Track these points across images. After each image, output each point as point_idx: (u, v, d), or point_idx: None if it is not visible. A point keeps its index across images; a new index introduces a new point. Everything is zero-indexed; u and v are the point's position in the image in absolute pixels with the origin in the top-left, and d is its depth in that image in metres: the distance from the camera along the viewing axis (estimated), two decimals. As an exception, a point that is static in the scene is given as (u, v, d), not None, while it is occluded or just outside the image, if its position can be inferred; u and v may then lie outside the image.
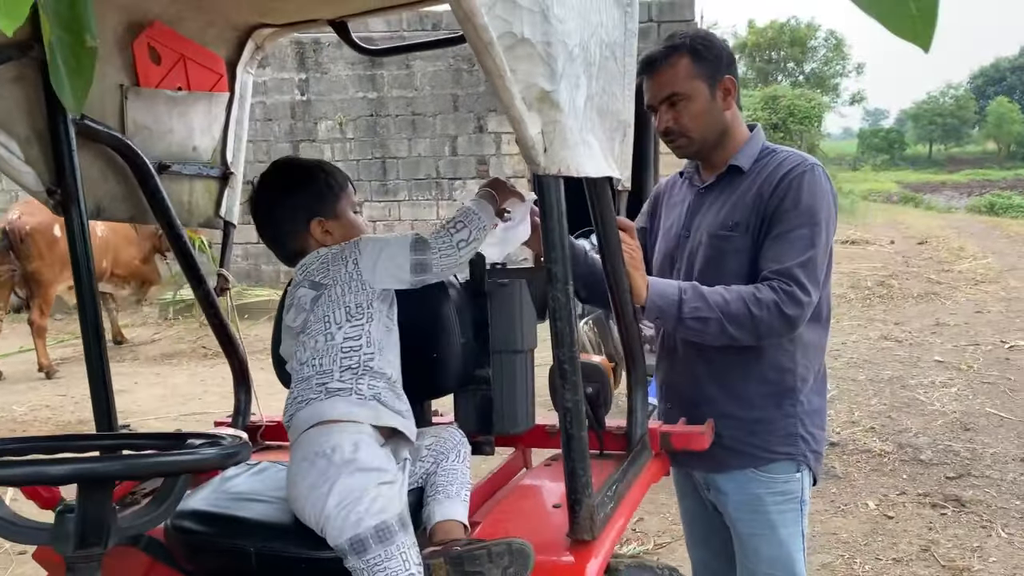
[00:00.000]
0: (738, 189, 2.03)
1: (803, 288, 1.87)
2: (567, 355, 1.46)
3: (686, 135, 2.02)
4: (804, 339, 2.02)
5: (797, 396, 2.03)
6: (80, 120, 1.85)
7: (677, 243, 2.13)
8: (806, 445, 2.05)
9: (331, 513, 1.48)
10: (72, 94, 0.95)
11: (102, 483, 1.08)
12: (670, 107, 2.00)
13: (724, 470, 2.07)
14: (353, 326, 1.64)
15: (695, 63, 1.98)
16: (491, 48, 1.24)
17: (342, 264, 1.68)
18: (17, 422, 6.18)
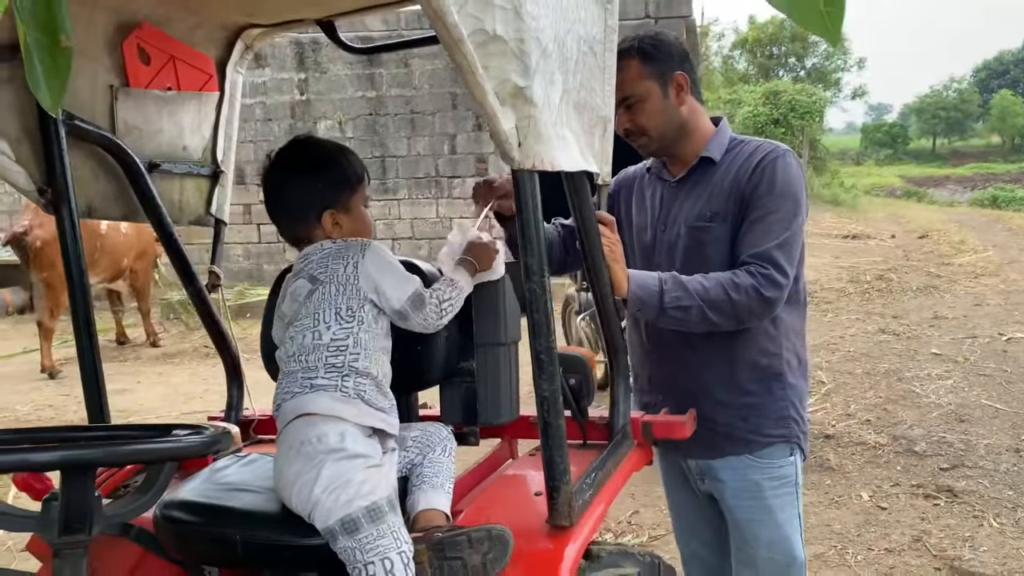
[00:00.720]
0: (712, 180, 2.07)
1: (780, 270, 1.92)
2: (544, 346, 1.49)
3: (645, 134, 2.07)
4: (786, 323, 2.08)
5: (786, 379, 2.09)
6: (70, 120, 1.88)
7: (654, 237, 2.17)
8: (797, 427, 2.11)
9: (319, 498, 1.51)
10: (49, 94, 0.98)
11: (83, 470, 1.12)
12: (626, 109, 2.04)
13: (721, 456, 2.11)
14: (342, 328, 1.65)
15: (644, 64, 2.03)
16: (461, 45, 1.27)
17: (341, 263, 1.68)
18: (20, 421, 6.23)
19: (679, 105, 2.07)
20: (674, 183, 2.15)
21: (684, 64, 2.09)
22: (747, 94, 24.63)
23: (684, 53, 2.12)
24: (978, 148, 64.03)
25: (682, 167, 2.14)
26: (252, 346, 7.32)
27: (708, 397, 2.08)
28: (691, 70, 2.12)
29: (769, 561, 2.14)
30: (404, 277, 1.69)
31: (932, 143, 67.10)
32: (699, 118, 2.12)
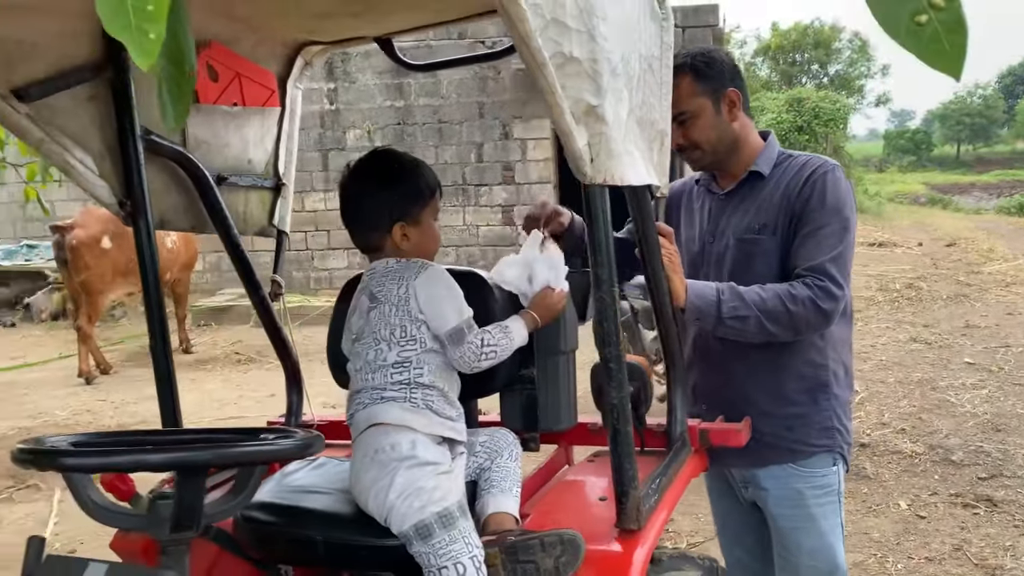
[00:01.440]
0: (761, 193, 2.12)
1: (836, 283, 1.95)
2: (613, 354, 1.54)
3: (698, 148, 2.12)
4: (833, 334, 2.11)
5: (831, 390, 2.12)
6: (147, 136, 1.96)
7: (702, 248, 2.21)
8: (841, 437, 2.14)
9: (394, 504, 1.58)
10: (174, 116, 1.05)
11: (197, 470, 1.18)
12: (679, 125, 2.09)
13: (764, 466, 2.15)
14: (402, 349, 1.70)
15: (697, 81, 2.07)
16: (544, 68, 1.33)
17: (395, 284, 1.72)
18: (60, 425, 6.36)
19: (731, 121, 2.12)
20: (723, 196, 2.20)
21: (736, 80, 2.14)
22: (770, 101, 24.55)
23: (735, 69, 2.18)
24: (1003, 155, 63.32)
25: (731, 180, 2.19)
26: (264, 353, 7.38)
27: (753, 407, 2.11)
28: (742, 86, 2.17)
29: (811, 569, 2.17)
30: (451, 307, 1.70)
31: (956, 150, 66.46)
32: (749, 133, 2.17)
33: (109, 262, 7.72)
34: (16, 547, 4.34)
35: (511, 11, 1.24)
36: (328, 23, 2.23)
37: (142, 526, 1.26)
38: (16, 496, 4.96)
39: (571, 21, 1.38)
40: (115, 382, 7.85)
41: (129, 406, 6.97)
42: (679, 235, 2.29)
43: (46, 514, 4.66)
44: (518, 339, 1.76)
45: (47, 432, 6.14)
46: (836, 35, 41.39)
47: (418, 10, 2.15)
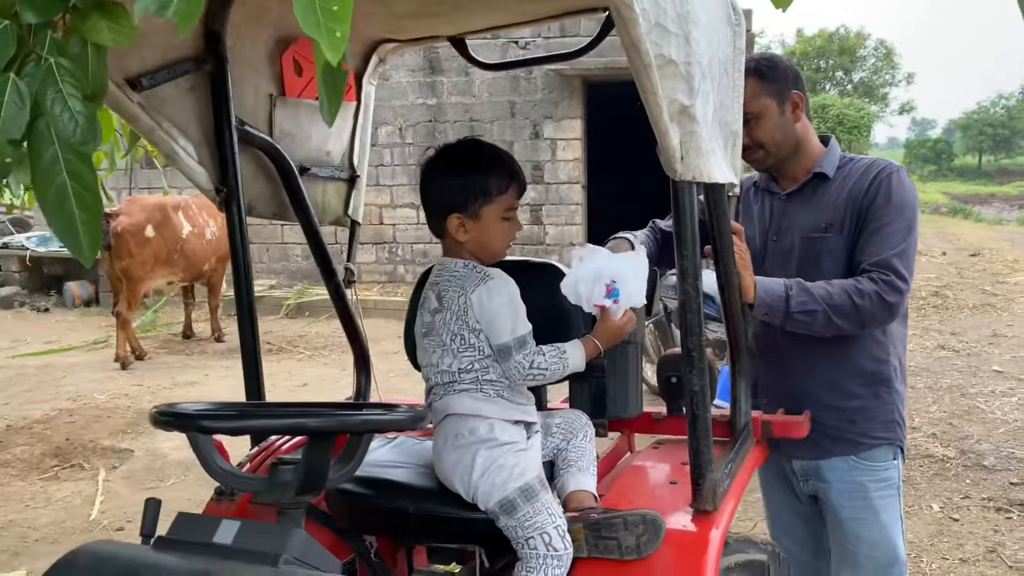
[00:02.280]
0: (826, 194, 2.19)
1: (901, 277, 2.03)
2: (695, 343, 1.62)
3: (763, 148, 2.19)
4: (893, 330, 2.20)
5: (892, 384, 2.20)
6: (241, 126, 2.06)
7: (764, 246, 2.27)
8: (901, 430, 2.22)
9: (478, 483, 1.67)
10: (329, 111, 1.15)
11: (326, 436, 1.27)
12: (744, 125, 2.12)
13: (827, 458, 2.22)
14: (465, 354, 1.75)
15: (761, 83, 2.14)
16: (649, 70, 1.41)
17: (457, 292, 1.74)
18: (101, 408, 6.50)
19: (795, 122, 2.19)
20: (784, 196, 2.27)
21: (798, 83, 2.22)
22: (793, 106, 24.50)
23: (797, 74, 2.25)
24: (1025, 166, 62.78)
25: (792, 182, 2.26)
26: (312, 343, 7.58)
27: (816, 401, 2.18)
28: (804, 90, 2.24)
29: (871, 560, 2.23)
30: (504, 322, 1.70)
31: (978, 160, 65.90)
32: (811, 136, 2.25)
33: (151, 250, 7.88)
34: (64, 524, 4.48)
35: (625, 15, 1.32)
36: (409, 22, 2.32)
37: (265, 488, 1.35)
38: (61, 475, 5.09)
39: (671, 25, 1.46)
40: (148, 368, 8.00)
41: (165, 391, 7.11)
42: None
43: (92, 492, 4.79)
44: (573, 365, 1.76)
45: (89, 415, 6.29)
46: (861, 42, 41.19)
47: (497, 11, 2.24)
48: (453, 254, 1.82)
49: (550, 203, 10.52)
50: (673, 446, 2.11)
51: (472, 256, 1.80)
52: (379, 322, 9.06)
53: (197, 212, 8.43)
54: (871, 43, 41.66)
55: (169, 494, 4.72)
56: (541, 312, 1.98)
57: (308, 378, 7.49)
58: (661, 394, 2.16)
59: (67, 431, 5.87)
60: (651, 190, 4.25)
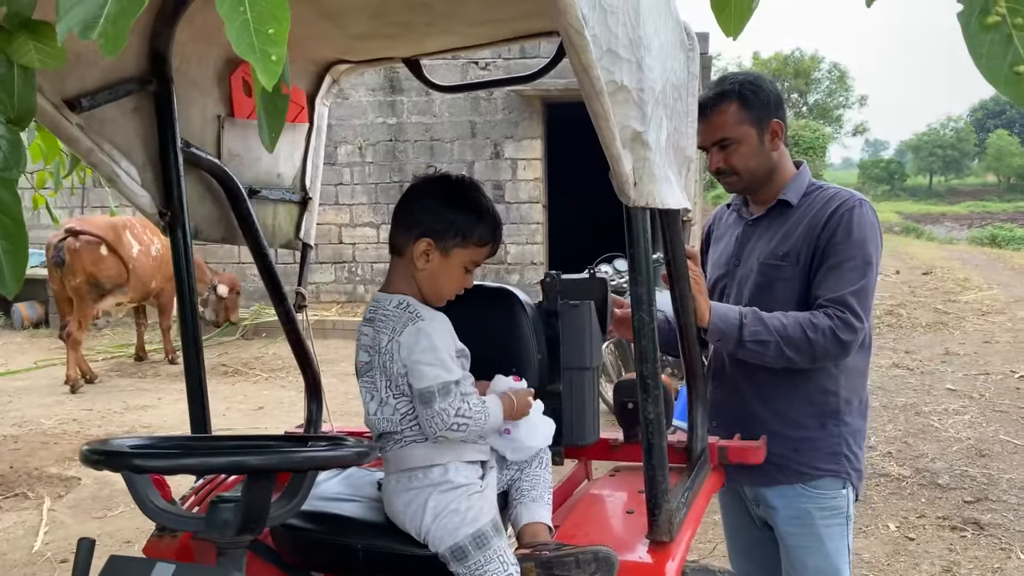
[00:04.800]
0: (788, 222, 2.17)
1: (856, 315, 2.01)
2: (650, 371, 1.60)
3: (736, 174, 2.17)
4: (848, 364, 2.15)
5: (841, 417, 2.16)
6: (187, 148, 2.00)
7: (727, 271, 2.27)
8: (849, 464, 2.17)
9: (429, 527, 1.62)
10: (269, 134, 1.10)
11: (266, 475, 1.22)
12: (721, 149, 2.15)
13: (773, 485, 2.20)
14: (401, 401, 1.67)
15: (744, 109, 2.12)
16: (601, 96, 1.39)
17: (388, 334, 1.66)
18: (47, 434, 6.29)
19: (772, 150, 2.17)
20: (751, 221, 2.26)
21: (779, 111, 2.19)
22: (751, 128, 24.96)
23: (779, 99, 2.22)
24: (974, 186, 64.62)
25: (761, 207, 2.25)
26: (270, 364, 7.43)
27: (762, 427, 2.16)
28: (784, 116, 2.22)
29: None
30: (431, 368, 1.60)
31: (929, 180, 67.69)
32: (785, 162, 2.23)
33: (104, 269, 7.70)
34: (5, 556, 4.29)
35: (575, 41, 1.30)
36: (363, 44, 2.28)
37: (203, 528, 1.29)
38: (4, 504, 4.90)
39: (623, 51, 1.45)
40: (99, 391, 7.79)
41: (115, 415, 6.92)
42: (708, 257, 2.37)
43: (36, 523, 4.62)
44: (493, 420, 1.66)
45: (35, 441, 6.09)
46: (815, 65, 42.18)
47: (452, 34, 2.22)
48: (393, 285, 1.74)
49: (511, 222, 10.52)
50: (630, 473, 2.09)
51: (415, 288, 1.72)
52: (338, 343, 8.95)
53: (142, 230, 8.24)
54: (825, 66, 42.71)
55: (117, 523, 4.57)
56: (496, 337, 1.95)
57: (264, 401, 7.34)
58: (618, 420, 2.14)
59: (11, 459, 5.67)
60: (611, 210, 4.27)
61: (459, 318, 1.76)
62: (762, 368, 2.11)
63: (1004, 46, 0.70)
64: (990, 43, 0.70)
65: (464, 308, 1.79)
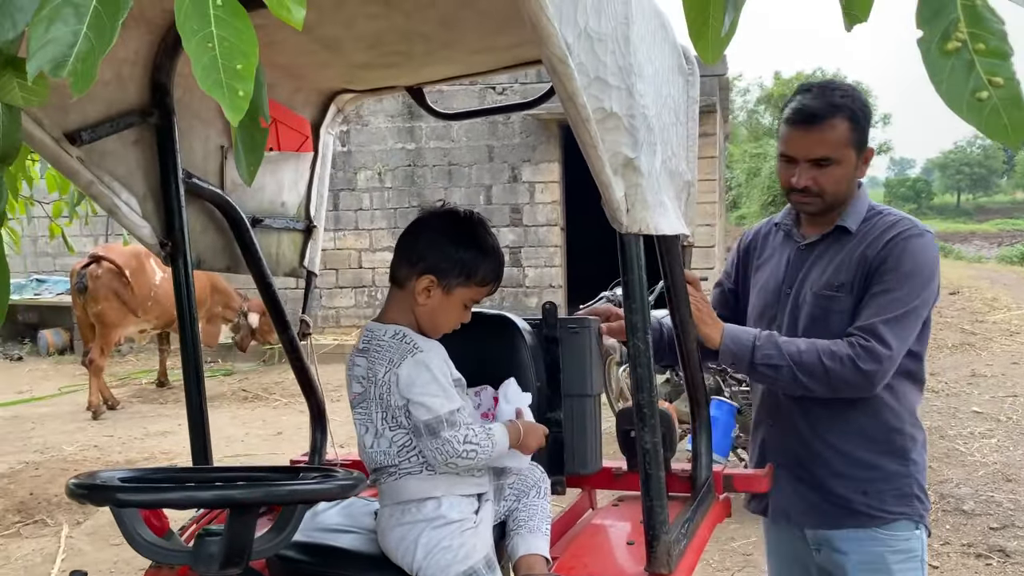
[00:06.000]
0: (844, 249, 2.03)
1: (883, 343, 1.88)
2: (647, 399, 1.58)
3: (820, 196, 2.00)
4: (909, 399, 2.05)
5: (909, 455, 2.04)
6: (188, 178, 2.02)
7: (777, 299, 2.12)
8: (921, 504, 2.05)
9: (421, 563, 1.60)
10: (247, 168, 1.11)
11: (248, 509, 1.21)
12: (815, 166, 1.97)
13: (841, 528, 2.07)
14: (397, 434, 1.65)
15: (853, 130, 1.95)
16: (588, 124, 1.39)
17: (384, 365, 1.64)
18: (68, 461, 6.35)
19: (859, 176, 2.04)
20: (803, 246, 2.11)
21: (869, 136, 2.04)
22: (773, 148, 24.85)
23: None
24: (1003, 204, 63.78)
25: (816, 230, 2.09)
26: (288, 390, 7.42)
27: (825, 467, 2.05)
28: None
29: None
30: (435, 399, 1.59)
31: (956, 199, 66.94)
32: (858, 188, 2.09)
33: (127, 297, 7.81)
34: (24, 583, 4.27)
35: (560, 71, 1.29)
36: (365, 73, 2.30)
37: (189, 562, 1.28)
38: (24, 531, 4.94)
39: (611, 79, 1.44)
40: (121, 417, 7.85)
41: (136, 442, 6.97)
42: (753, 278, 2.23)
43: (53, 550, 4.64)
44: (499, 449, 1.64)
45: (55, 468, 6.14)
46: (838, 84, 41.97)
47: (452, 62, 2.23)
48: (389, 315, 1.73)
49: (529, 245, 10.53)
50: (634, 503, 2.05)
51: (414, 321, 1.71)
52: (357, 368, 8.97)
53: None
54: (848, 85, 42.48)
55: (133, 551, 4.58)
56: (495, 364, 1.94)
57: (283, 426, 7.36)
58: (621, 448, 2.11)
59: (32, 485, 5.72)
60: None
61: (458, 346, 1.75)
62: (816, 403, 2.00)
63: (965, 72, 0.68)
64: (951, 69, 0.69)
65: (463, 336, 1.79)
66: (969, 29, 0.68)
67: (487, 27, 1.98)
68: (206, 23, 0.90)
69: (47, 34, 0.89)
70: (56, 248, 11.34)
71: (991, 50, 0.68)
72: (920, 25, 0.70)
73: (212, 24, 0.90)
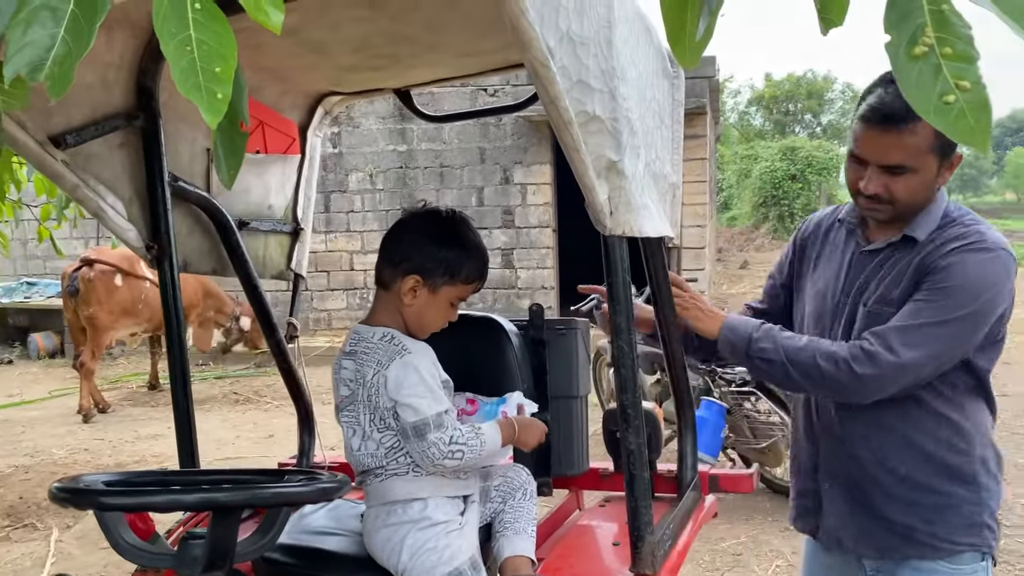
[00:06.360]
0: (905, 260, 1.81)
1: (890, 349, 1.71)
2: (630, 400, 1.58)
3: (892, 204, 1.77)
4: (978, 418, 1.86)
5: (978, 480, 1.83)
6: (174, 182, 2.02)
7: (834, 308, 1.91)
8: (991, 534, 1.85)
9: (406, 564, 1.61)
10: (227, 171, 1.11)
11: (231, 512, 1.21)
12: (887, 174, 1.73)
13: (902, 559, 1.88)
14: (385, 435, 1.66)
15: (937, 135, 1.65)
16: (571, 127, 1.39)
17: (373, 367, 1.65)
18: (58, 464, 6.32)
19: (940, 185, 1.78)
20: (866, 251, 1.88)
21: None
22: (763, 150, 24.93)
23: None
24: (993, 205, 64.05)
25: (882, 235, 1.87)
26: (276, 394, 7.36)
27: (883, 493, 1.86)
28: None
29: None
30: (423, 400, 1.61)
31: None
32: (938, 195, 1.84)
33: (119, 299, 7.78)
34: (11, 587, 4.24)
35: (542, 74, 1.30)
36: (352, 75, 2.31)
37: (173, 565, 1.28)
38: (13, 535, 4.92)
39: (594, 82, 1.45)
40: (111, 420, 7.82)
41: (126, 445, 6.94)
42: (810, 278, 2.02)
43: (43, 554, 4.62)
44: (491, 447, 1.65)
45: (45, 471, 6.12)
46: (828, 86, 42.15)
47: (439, 65, 2.24)
48: (376, 317, 1.74)
49: (521, 247, 10.54)
50: (620, 503, 2.06)
51: (401, 322, 1.72)
52: (349, 370, 8.95)
53: None
54: (838, 86, 42.63)
55: (122, 554, 4.56)
56: (482, 366, 1.95)
57: (274, 429, 7.35)
58: (607, 449, 2.12)
59: (21, 489, 5.70)
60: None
61: (445, 348, 1.76)
62: (872, 422, 1.83)
63: (933, 76, 0.69)
64: (918, 73, 0.69)
65: (450, 338, 1.79)
66: (936, 34, 0.69)
67: (472, 30, 1.98)
68: (184, 27, 0.90)
69: (24, 37, 0.89)
70: (46, 251, 11.29)
71: (958, 54, 0.69)
72: (888, 29, 0.70)
73: (191, 27, 0.90)
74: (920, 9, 0.69)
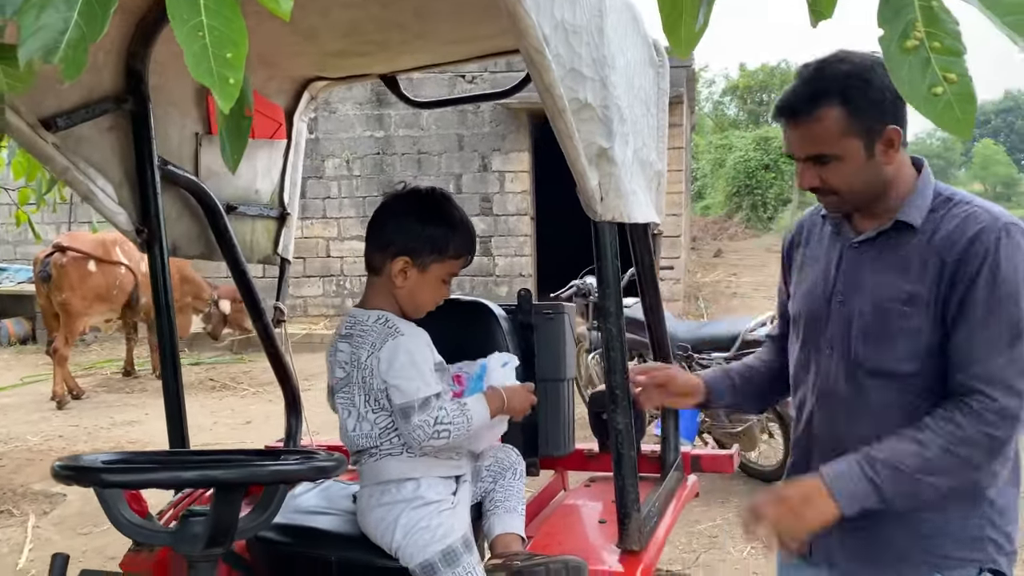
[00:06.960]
0: (908, 249, 1.63)
1: (1013, 392, 1.51)
2: (618, 382, 1.63)
3: (836, 194, 1.65)
4: None
5: (984, 492, 1.63)
6: (164, 166, 2.03)
7: (827, 308, 1.73)
8: (996, 549, 1.65)
9: (400, 543, 1.64)
10: (231, 155, 1.13)
11: (234, 489, 1.24)
12: (817, 165, 1.63)
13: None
14: (379, 416, 1.69)
15: (850, 117, 1.57)
16: (564, 114, 1.43)
17: (367, 349, 1.68)
18: (33, 451, 6.26)
19: (886, 164, 1.62)
20: (856, 244, 1.71)
21: (897, 110, 1.60)
22: (738, 139, 25.10)
23: (896, 96, 1.55)
24: (962, 195, 64.99)
25: (869, 224, 1.70)
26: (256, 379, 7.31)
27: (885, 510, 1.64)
28: (904, 117, 1.63)
29: None
30: (407, 381, 1.63)
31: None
32: (904, 173, 1.68)
33: (92, 285, 7.70)
34: (-11, 573, 4.19)
35: (538, 62, 1.33)
36: (339, 61, 2.32)
37: (172, 542, 1.31)
38: (-12, 522, 4.88)
39: (586, 70, 1.49)
40: (86, 407, 7.75)
41: (102, 431, 6.89)
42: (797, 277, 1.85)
43: (20, 540, 4.59)
44: (477, 421, 1.67)
45: (20, 458, 6.06)
46: (802, 76, 42.39)
47: (427, 52, 2.26)
48: (371, 301, 1.76)
49: (499, 235, 10.56)
50: (605, 483, 2.11)
51: (395, 305, 1.74)
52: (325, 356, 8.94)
53: (132, 247, 8.26)
54: (812, 77, 42.93)
55: (103, 540, 4.55)
56: (471, 350, 1.98)
57: (252, 415, 7.33)
58: (593, 431, 2.16)
59: (-5, 476, 5.65)
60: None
61: (434, 332, 1.79)
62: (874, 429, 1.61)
63: (922, 68, 0.73)
64: (909, 66, 0.74)
65: (439, 322, 1.82)
66: (926, 28, 0.73)
67: (461, 17, 2.01)
68: (196, 12, 0.92)
69: (38, 21, 0.90)
70: (17, 236, 11.12)
71: (946, 48, 0.73)
72: (881, 24, 0.75)
73: (203, 13, 0.92)
74: (911, 5, 0.73)
